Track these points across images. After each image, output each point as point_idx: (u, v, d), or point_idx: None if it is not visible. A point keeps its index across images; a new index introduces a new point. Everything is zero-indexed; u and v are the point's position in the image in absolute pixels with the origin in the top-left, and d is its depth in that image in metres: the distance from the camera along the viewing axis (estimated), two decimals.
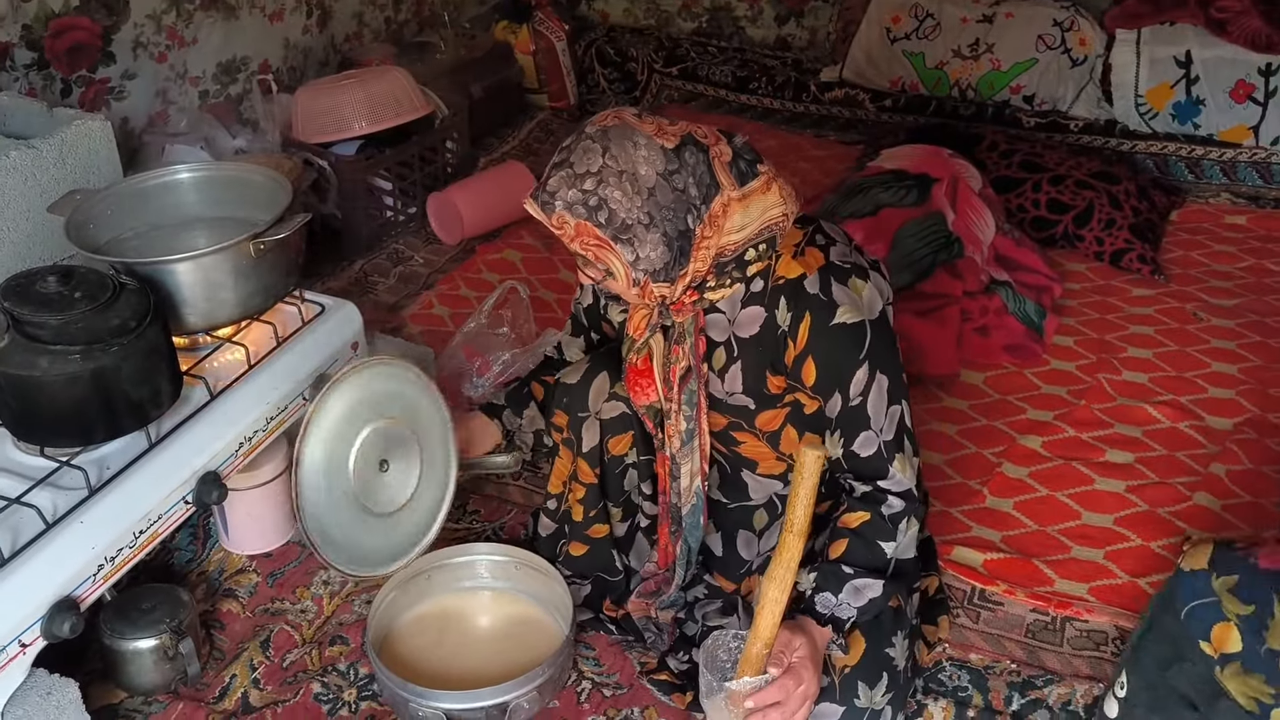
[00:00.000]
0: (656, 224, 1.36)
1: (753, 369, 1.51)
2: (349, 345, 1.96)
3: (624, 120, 1.38)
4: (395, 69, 2.94)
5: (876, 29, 3.61)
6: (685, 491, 1.61)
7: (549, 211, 1.37)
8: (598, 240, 1.37)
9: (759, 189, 1.41)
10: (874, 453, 1.47)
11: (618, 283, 1.42)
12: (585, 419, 1.72)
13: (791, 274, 1.44)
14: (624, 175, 1.34)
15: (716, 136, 1.41)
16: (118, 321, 1.52)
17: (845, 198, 2.73)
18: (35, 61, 2.33)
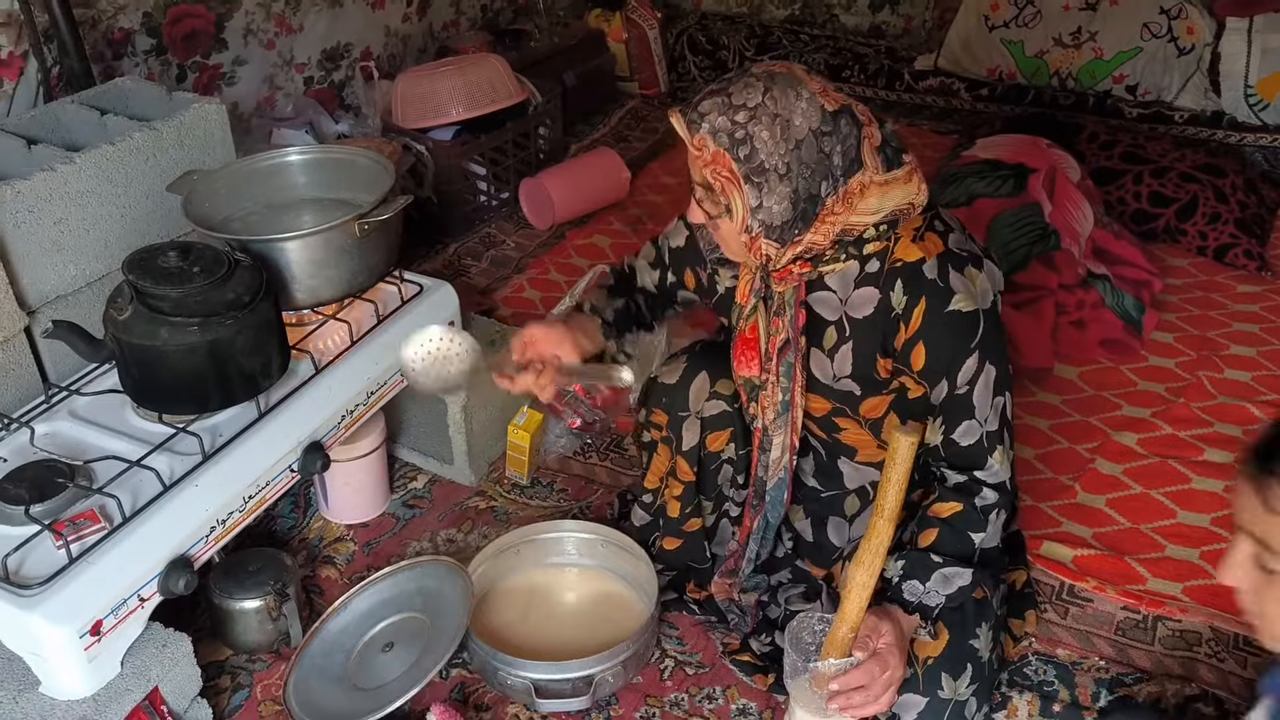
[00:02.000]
0: (791, 178, 1.34)
1: (864, 351, 1.50)
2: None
3: (792, 71, 1.38)
4: (492, 56, 2.99)
5: (974, 16, 3.55)
6: (774, 464, 1.61)
7: (694, 130, 1.36)
8: (730, 174, 1.35)
9: (902, 178, 1.40)
10: (975, 442, 1.46)
11: (731, 225, 1.40)
12: (686, 418, 1.73)
13: (910, 258, 1.42)
14: (778, 119, 1.32)
15: (870, 118, 1.41)
16: (233, 296, 1.59)
17: (940, 187, 2.70)
18: (154, 48, 2.44)
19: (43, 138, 1.96)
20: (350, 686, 1.67)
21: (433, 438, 2.16)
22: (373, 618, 1.77)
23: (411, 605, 1.77)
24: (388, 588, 1.80)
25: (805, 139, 1.33)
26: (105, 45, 2.31)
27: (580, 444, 2.22)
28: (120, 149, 1.85)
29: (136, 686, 1.46)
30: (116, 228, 1.89)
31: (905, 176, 1.40)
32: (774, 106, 1.33)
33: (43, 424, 1.65)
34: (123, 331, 1.55)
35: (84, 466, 1.55)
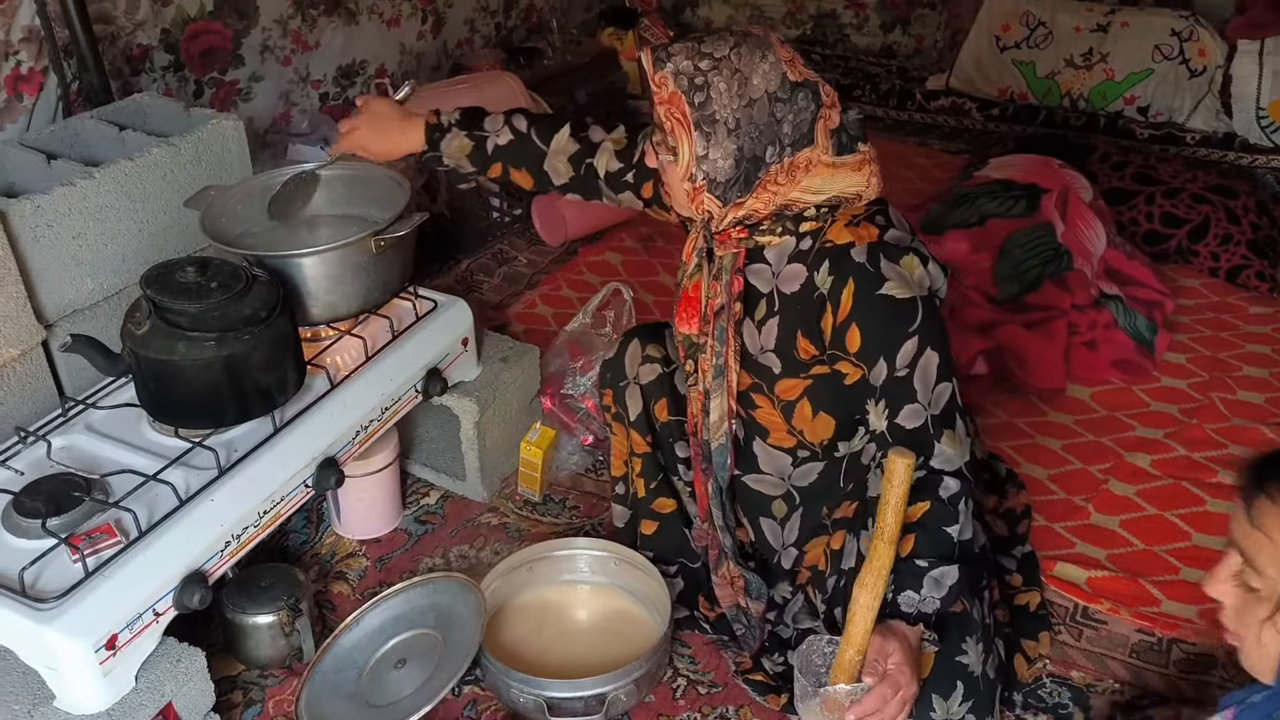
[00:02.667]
0: (739, 135, 1.39)
1: (788, 327, 1.53)
2: (459, 340, 2.02)
3: (767, 36, 1.43)
4: (507, 75, 3.01)
5: (985, 37, 3.56)
6: (715, 427, 1.63)
7: (658, 67, 1.41)
8: (682, 116, 1.40)
9: (851, 164, 1.44)
10: (919, 426, 1.45)
11: (677, 169, 1.44)
12: (626, 386, 1.80)
13: (840, 240, 1.46)
14: (737, 75, 1.38)
15: (835, 101, 1.45)
16: (250, 311, 1.60)
17: (951, 207, 2.70)
18: (171, 64, 2.46)
19: (62, 153, 1.98)
20: (363, 703, 1.67)
21: (445, 454, 2.16)
22: (385, 634, 1.77)
23: (424, 622, 1.76)
24: (400, 604, 1.80)
25: (759, 99, 1.39)
26: (124, 61, 2.33)
27: (592, 461, 2.23)
28: (139, 164, 1.87)
29: (150, 701, 1.46)
30: (134, 242, 1.90)
31: (856, 164, 1.44)
32: (737, 62, 1.38)
33: (59, 437, 1.66)
34: (140, 346, 1.56)
35: (100, 480, 1.56)
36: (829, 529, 1.67)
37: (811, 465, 1.67)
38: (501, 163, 1.76)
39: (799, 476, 1.69)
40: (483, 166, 1.77)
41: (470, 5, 3.45)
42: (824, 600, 1.66)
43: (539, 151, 1.75)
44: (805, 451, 1.65)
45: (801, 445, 1.64)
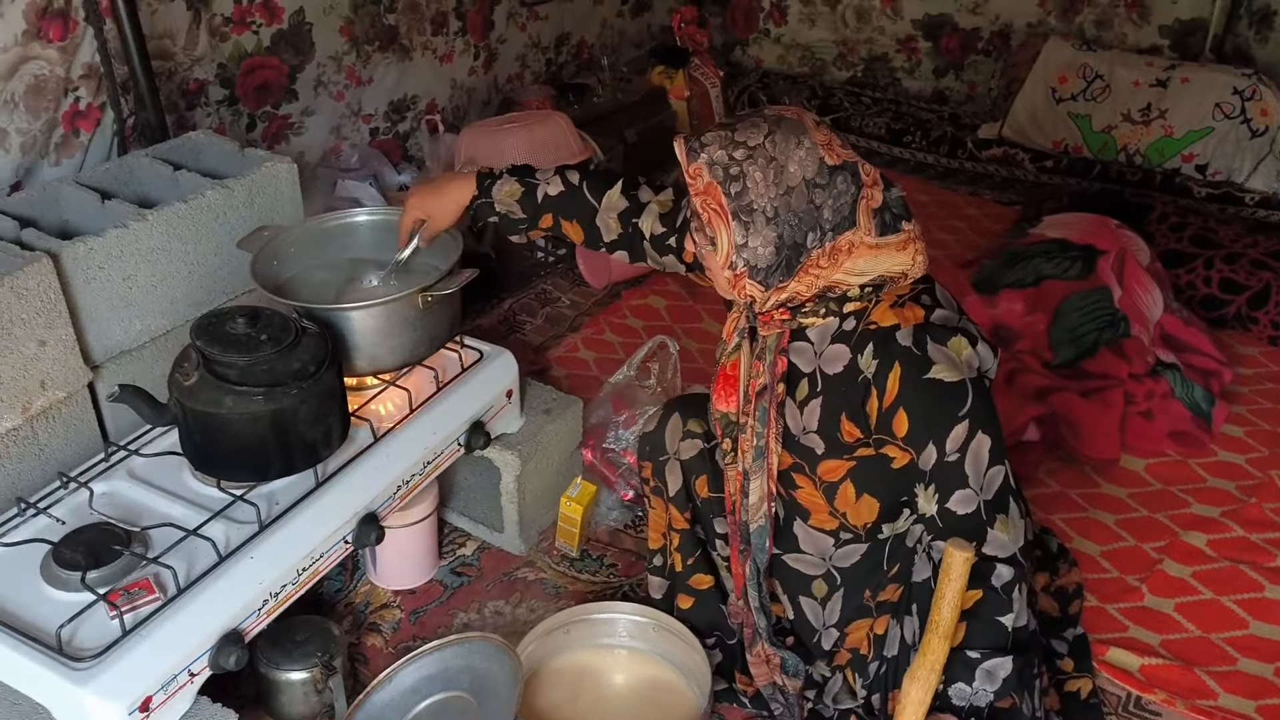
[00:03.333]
0: (778, 223, 1.37)
1: (831, 409, 1.49)
2: (504, 393, 2.00)
3: (802, 119, 1.41)
4: (557, 114, 3.00)
5: (1041, 88, 3.51)
6: (754, 509, 1.59)
7: (692, 158, 1.39)
8: (719, 206, 1.38)
9: (894, 245, 1.41)
10: (972, 511, 1.41)
11: (716, 257, 1.42)
12: (666, 461, 1.76)
13: (885, 322, 1.43)
14: (773, 163, 1.36)
15: (876, 180, 1.43)
16: (298, 365, 1.58)
17: (1005, 265, 2.65)
18: (226, 98, 2.46)
19: (116, 191, 1.98)
20: None
21: (484, 504, 2.13)
22: (418, 694, 1.73)
23: (458, 683, 1.73)
24: (434, 663, 1.77)
25: (797, 187, 1.37)
26: (179, 95, 2.34)
27: (631, 517, 2.19)
28: (192, 206, 1.86)
29: None
30: (184, 284, 1.89)
31: (900, 244, 1.42)
32: (772, 150, 1.36)
33: (101, 483, 1.65)
34: (187, 397, 1.55)
35: (140, 533, 1.54)
36: (872, 611, 1.62)
37: (854, 547, 1.62)
38: (553, 213, 1.74)
39: (841, 557, 1.64)
40: (533, 214, 1.75)
41: (522, 41, 3.45)
42: (864, 685, 1.62)
43: (591, 206, 1.73)
44: (848, 534, 1.61)
45: (844, 527, 1.60)
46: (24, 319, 1.62)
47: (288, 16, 2.51)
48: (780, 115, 1.40)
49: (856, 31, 3.99)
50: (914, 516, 1.53)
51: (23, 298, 1.61)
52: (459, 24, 3.08)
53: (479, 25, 3.16)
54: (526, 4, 3.39)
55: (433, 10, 2.94)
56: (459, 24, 3.08)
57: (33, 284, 1.62)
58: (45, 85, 1.96)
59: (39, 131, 1.98)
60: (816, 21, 4.06)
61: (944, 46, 3.87)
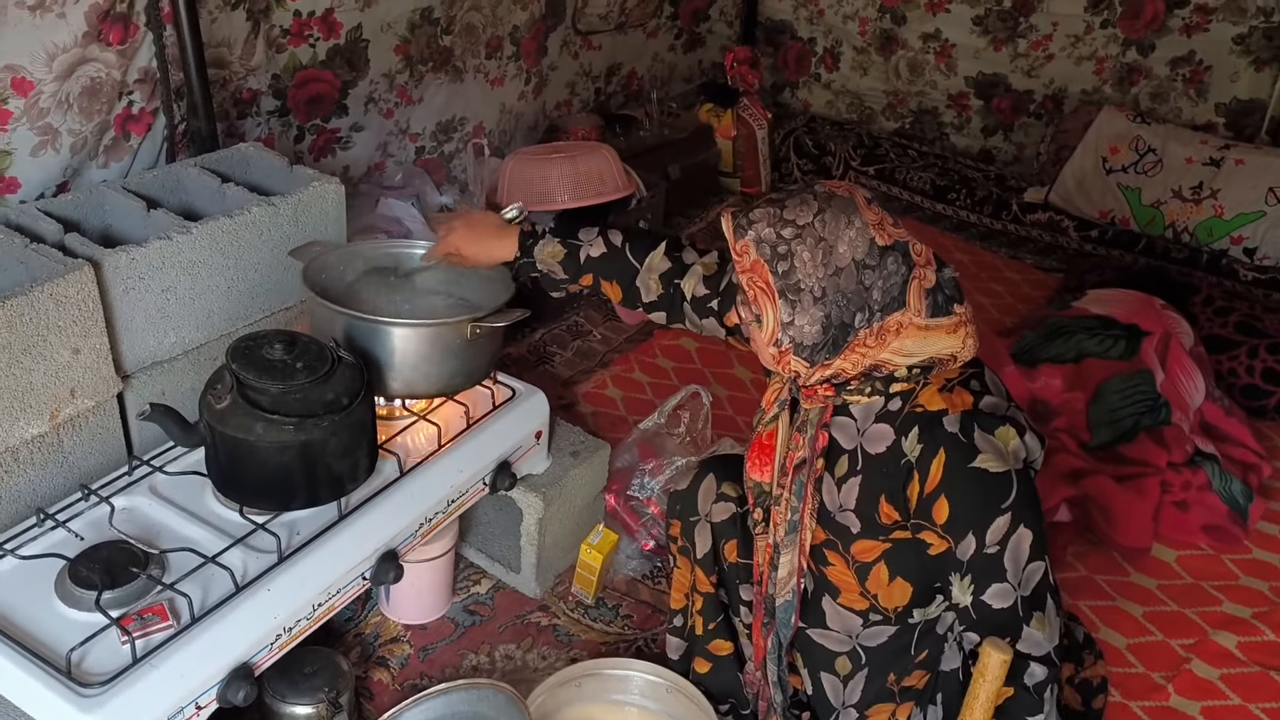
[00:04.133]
0: (825, 303, 1.35)
1: (870, 489, 1.46)
2: (534, 434, 1.97)
3: (853, 196, 1.38)
4: (604, 147, 2.98)
5: (1092, 157, 3.47)
6: (782, 584, 1.56)
7: (739, 235, 1.37)
8: (765, 285, 1.36)
9: (945, 327, 1.38)
10: (1008, 607, 1.37)
11: (761, 334, 1.41)
12: (697, 523, 1.73)
13: (932, 406, 1.39)
14: (822, 243, 1.34)
15: (929, 259, 1.40)
16: (332, 396, 1.56)
17: (1046, 338, 2.61)
18: (278, 109, 2.45)
19: (162, 199, 1.96)
20: None
21: (502, 542, 2.10)
22: None
23: None
24: (440, 706, 1.73)
25: (846, 268, 1.34)
26: (231, 104, 2.33)
27: (650, 567, 2.15)
28: (237, 222, 1.84)
29: None
30: (221, 299, 1.87)
31: (951, 327, 1.38)
32: (821, 230, 1.34)
33: (123, 498, 1.63)
34: (218, 421, 1.52)
35: (159, 555, 1.51)
36: (895, 697, 1.58)
37: (883, 628, 1.58)
38: (594, 273, 1.73)
39: (868, 637, 1.60)
40: (574, 275, 1.74)
41: (573, 69, 3.44)
42: None
43: (632, 267, 1.71)
44: (878, 615, 1.57)
45: (874, 609, 1.56)
46: (60, 326, 1.60)
47: (345, 32, 2.50)
48: (831, 193, 1.37)
49: (908, 84, 3.97)
50: (947, 603, 1.49)
51: (61, 305, 1.59)
52: (513, 48, 3.07)
53: (533, 51, 3.15)
54: (581, 32, 3.38)
55: (489, 34, 2.93)
56: (513, 48, 3.07)
57: (72, 292, 1.60)
58: (101, 87, 1.95)
59: (90, 133, 1.97)
60: (869, 70, 4.03)
61: (995, 106, 3.84)
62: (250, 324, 1.95)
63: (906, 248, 1.37)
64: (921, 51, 3.88)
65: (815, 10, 4.04)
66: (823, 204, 1.35)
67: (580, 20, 3.33)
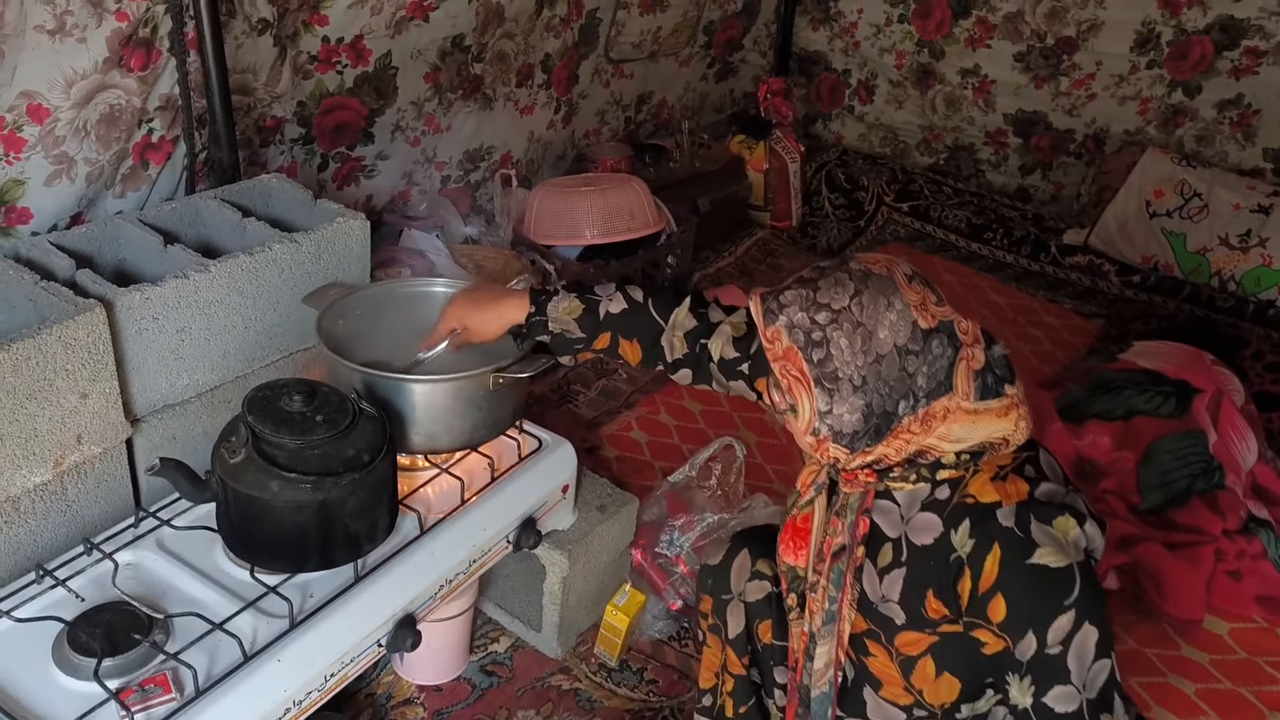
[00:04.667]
0: (866, 392, 1.25)
1: (916, 582, 1.35)
2: (560, 488, 1.87)
3: (892, 274, 1.27)
4: (634, 181, 2.90)
5: (1135, 200, 3.37)
6: (818, 675, 1.45)
7: (769, 321, 1.27)
8: (800, 374, 1.27)
9: (996, 410, 1.27)
10: (1073, 711, 1.25)
11: (797, 424, 1.31)
12: (729, 601, 1.62)
13: (984, 498, 1.28)
14: (860, 329, 1.24)
15: (976, 337, 1.30)
16: (352, 453, 1.47)
17: (1093, 393, 2.50)
18: (302, 137, 2.38)
19: (180, 232, 1.89)
20: None
21: (523, 598, 2.00)
22: None
23: None
24: None
25: (888, 355, 1.24)
26: (254, 131, 2.25)
27: (677, 628, 2.05)
28: (257, 260, 1.76)
29: None
30: (238, 339, 1.79)
31: (1002, 410, 1.27)
32: (859, 314, 1.24)
33: (128, 553, 1.54)
34: (231, 477, 1.43)
35: (163, 620, 1.42)
36: None
37: None
38: (612, 331, 1.62)
39: None
40: (592, 333, 1.62)
41: (604, 98, 3.36)
42: None
43: (655, 325, 1.61)
44: (922, 711, 1.46)
45: (919, 704, 1.45)
46: (68, 370, 1.51)
47: (374, 59, 2.42)
48: (868, 271, 1.27)
49: (944, 119, 3.88)
50: (998, 697, 1.38)
51: (70, 348, 1.51)
52: (544, 76, 2.99)
53: (563, 79, 3.08)
54: (613, 61, 3.30)
55: (520, 62, 2.86)
56: (544, 76, 2.99)
57: (82, 334, 1.52)
58: (120, 115, 1.87)
59: (107, 162, 1.90)
60: (904, 104, 3.94)
61: (1034, 144, 3.74)
62: (268, 365, 1.86)
63: (952, 327, 1.27)
64: (959, 86, 3.79)
65: (851, 42, 3.95)
66: (859, 284, 1.25)
67: (613, 48, 3.26)
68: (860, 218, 3.80)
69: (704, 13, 3.54)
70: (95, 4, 1.74)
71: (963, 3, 3.64)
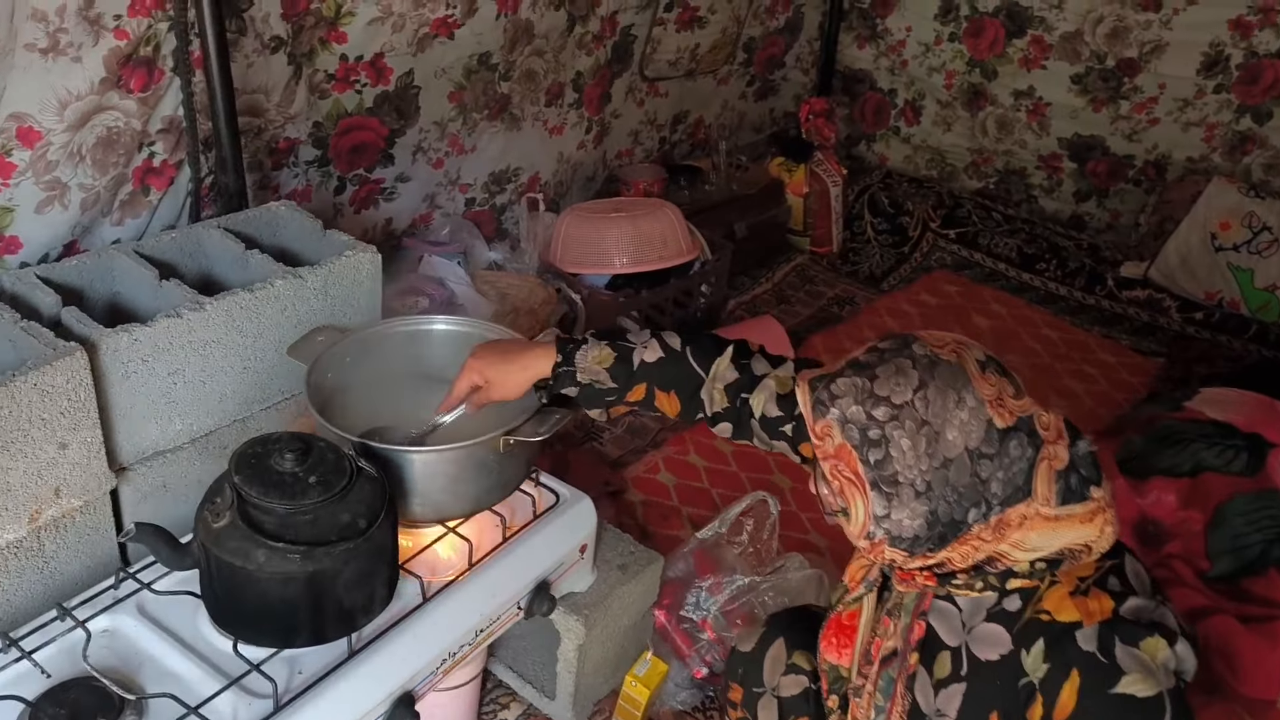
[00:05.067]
0: (931, 498, 1.10)
1: (978, 701, 1.18)
2: (578, 548, 1.73)
3: (963, 363, 1.11)
4: (667, 206, 2.76)
5: (1199, 232, 3.18)
6: None
7: (819, 414, 1.13)
8: (853, 475, 1.12)
9: (1079, 516, 1.12)
10: None
11: (849, 527, 1.16)
12: (761, 695, 1.48)
13: (1061, 616, 1.12)
14: (925, 428, 1.09)
15: (1060, 432, 1.13)
16: (348, 519, 1.34)
17: (1157, 444, 2.32)
18: (318, 159, 2.26)
19: (180, 264, 1.77)
20: None
21: (536, 661, 1.86)
22: None
23: None
24: None
25: (957, 459, 1.09)
26: (266, 154, 2.14)
27: (702, 698, 1.90)
28: (258, 297, 1.64)
29: None
30: (235, 381, 1.67)
31: (1086, 515, 1.12)
32: (924, 410, 1.08)
33: (105, 619, 1.41)
34: (214, 543, 1.30)
35: (136, 702, 1.29)
36: None
37: None
38: (648, 382, 1.47)
39: None
40: (625, 384, 1.48)
41: (637, 117, 3.23)
42: None
43: (695, 376, 1.46)
44: None
45: None
46: (45, 419, 1.40)
47: (395, 78, 2.30)
48: (935, 358, 1.11)
49: (995, 141, 3.70)
50: None
51: (48, 395, 1.39)
52: (575, 95, 2.86)
53: (595, 98, 2.94)
54: (648, 79, 3.16)
55: (550, 80, 2.73)
56: (575, 95, 2.86)
57: (61, 381, 1.40)
58: (118, 138, 1.76)
59: (104, 188, 1.78)
60: (953, 126, 3.77)
61: (1090, 169, 3.55)
62: (267, 408, 1.74)
63: (1032, 423, 1.11)
64: (1012, 109, 3.61)
65: (898, 61, 3.79)
66: (925, 374, 1.09)
67: (648, 66, 3.12)
68: (904, 244, 3.63)
69: (744, 29, 3.40)
70: (92, 21, 1.63)
71: (1017, 21, 3.47)
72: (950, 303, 3.34)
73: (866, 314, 3.23)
